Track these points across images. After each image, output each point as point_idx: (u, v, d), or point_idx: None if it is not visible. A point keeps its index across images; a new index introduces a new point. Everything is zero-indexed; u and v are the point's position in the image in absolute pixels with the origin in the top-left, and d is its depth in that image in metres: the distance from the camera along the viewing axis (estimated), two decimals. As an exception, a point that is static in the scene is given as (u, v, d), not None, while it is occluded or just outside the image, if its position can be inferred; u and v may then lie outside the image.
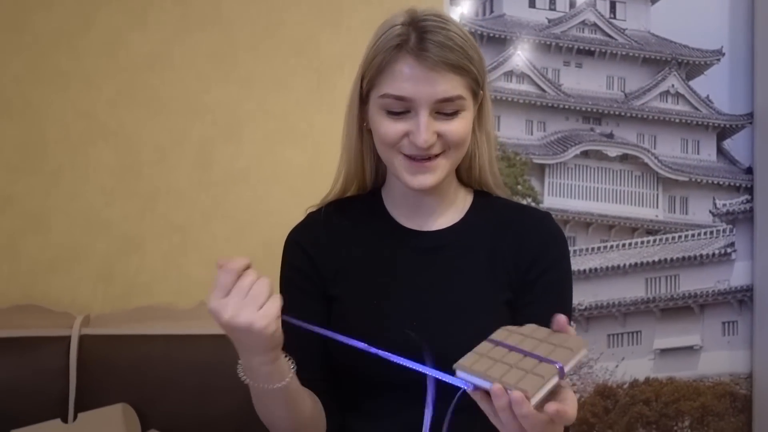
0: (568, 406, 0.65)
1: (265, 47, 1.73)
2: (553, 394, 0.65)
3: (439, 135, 0.87)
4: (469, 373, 0.67)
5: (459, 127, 0.88)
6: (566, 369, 0.65)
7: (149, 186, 1.72)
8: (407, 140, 0.87)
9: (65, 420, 1.47)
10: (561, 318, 0.73)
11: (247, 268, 0.75)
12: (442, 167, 0.90)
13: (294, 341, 0.94)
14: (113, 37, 1.70)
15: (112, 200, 1.71)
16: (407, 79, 0.84)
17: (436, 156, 0.89)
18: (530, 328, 0.74)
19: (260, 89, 1.74)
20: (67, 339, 1.53)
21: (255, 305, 0.72)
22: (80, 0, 1.68)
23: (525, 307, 0.95)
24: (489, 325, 0.92)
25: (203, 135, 1.72)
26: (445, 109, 0.86)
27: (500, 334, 0.74)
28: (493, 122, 1.00)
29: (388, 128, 0.87)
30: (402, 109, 0.86)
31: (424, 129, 0.85)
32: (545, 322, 0.94)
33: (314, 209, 1.03)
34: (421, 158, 0.88)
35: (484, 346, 0.71)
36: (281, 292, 0.98)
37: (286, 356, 0.82)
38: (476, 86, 0.90)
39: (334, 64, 1.73)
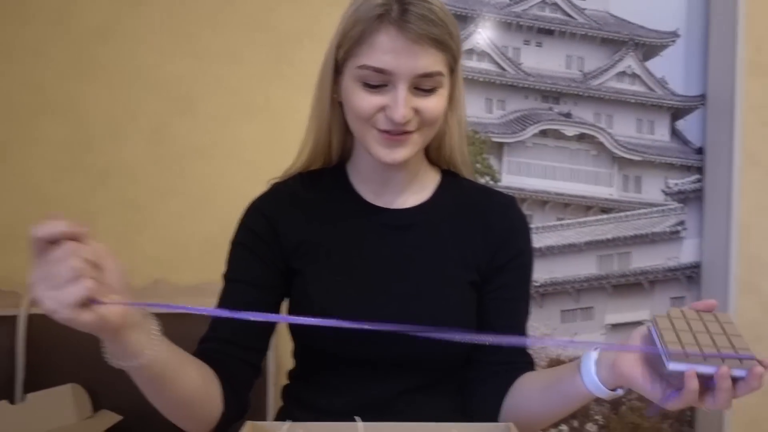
0: None
1: (222, 20, 1.69)
2: None
3: (416, 111, 0.85)
4: (687, 362, 0.67)
5: (436, 104, 0.86)
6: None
7: (101, 161, 1.67)
8: (383, 114, 0.85)
9: (12, 401, 1.44)
10: (710, 302, 0.76)
11: (70, 236, 0.62)
12: (415, 142, 0.88)
13: (228, 305, 0.91)
14: (62, 4, 1.63)
15: (61, 176, 1.66)
16: (388, 50, 0.81)
17: (410, 132, 0.87)
18: (677, 311, 0.75)
19: (217, 63, 1.70)
20: (14, 319, 1.49)
21: (55, 288, 0.61)
22: (25, -34, 1.61)
23: (495, 290, 0.96)
24: (454, 305, 0.93)
25: (157, 109, 1.68)
26: (423, 85, 0.84)
27: (664, 321, 0.73)
28: (464, 102, 0.97)
29: (363, 101, 0.84)
30: (380, 82, 0.83)
31: (402, 104, 0.82)
32: (514, 304, 0.97)
33: (278, 180, 1.00)
34: (396, 133, 0.86)
35: (668, 334, 0.70)
36: (231, 253, 0.95)
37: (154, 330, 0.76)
38: (454, 64, 0.88)
39: (294, 38, 1.71)
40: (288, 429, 0.69)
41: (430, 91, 0.85)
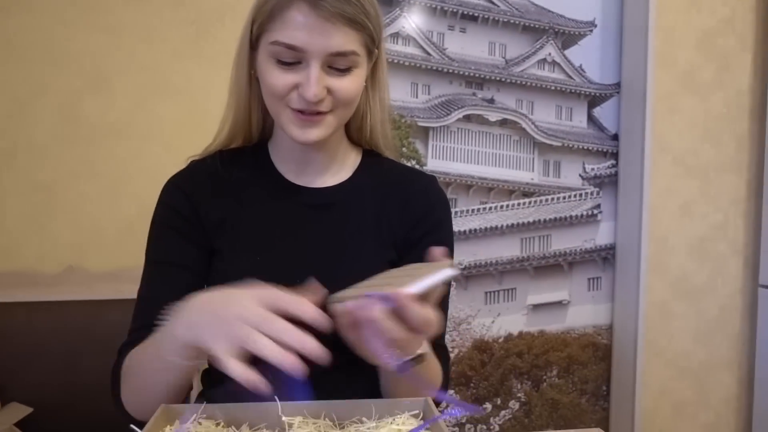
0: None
1: (138, -6, 1.62)
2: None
3: (330, 91, 0.84)
4: (341, 301, 0.67)
5: (350, 84, 0.85)
6: (425, 283, 0.65)
7: (6, 141, 1.57)
8: (296, 93, 0.84)
9: None
10: (436, 250, 0.73)
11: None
12: (329, 123, 0.87)
13: (154, 291, 0.89)
14: (-42, -28, 1.52)
15: (-39, 155, 1.55)
16: (300, 27, 0.80)
17: (324, 113, 0.86)
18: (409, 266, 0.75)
19: (131, 39, 1.62)
20: None
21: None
22: None
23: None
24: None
25: (68, 86, 1.59)
26: (337, 64, 0.83)
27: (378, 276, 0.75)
28: (387, 83, 0.95)
29: (276, 79, 0.83)
30: (293, 59, 0.82)
31: (315, 82, 0.81)
32: None
33: (197, 158, 0.97)
34: (309, 112, 0.85)
35: (358, 284, 0.72)
36: (152, 233, 0.93)
37: None
38: (371, 44, 0.87)
39: (214, 15, 1.65)
40: (203, 410, 0.67)
41: (344, 71, 0.84)
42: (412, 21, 1.93)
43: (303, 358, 0.61)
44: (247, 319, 0.63)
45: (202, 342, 0.65)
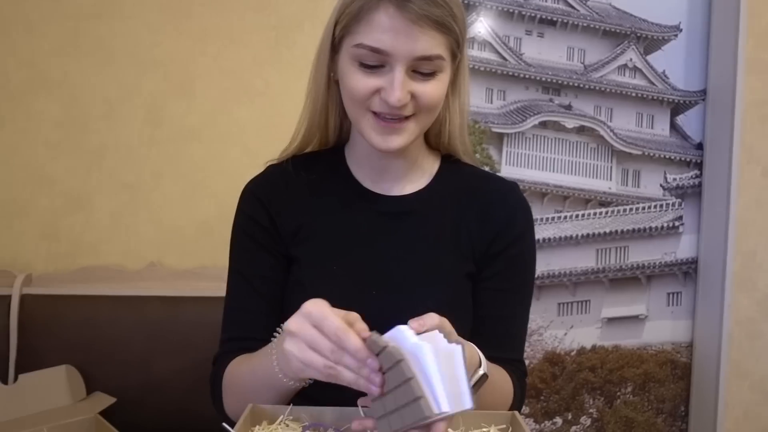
0: None
1: (222, 1, 1.66)
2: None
3: (413, 95, 0.82)
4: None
5: (434, 89, 0.83)
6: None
7: (96, 141, 1.65)
8: (378, 97, 0.81)
9: (5, 381, 1.42)
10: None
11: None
12: (411, 130, 0.85)
13: (240, 302, 0.91)
14: (57, -20, 1.60)
15: (56, 154, 1.63)
16: (386, 30, 0.78)
17: (407, 118, 0.83)
18: None
19: (215, 44, 1.67)
20: (7, 298, 1.47)
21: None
22: (21, -61, 1.58)
23: (488, 279, 0.92)
24: (449, 297, 0.89)
25: (154, 89, 1.66)
26: (422, 68, 0.81)
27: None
28: (468, 88, 0.93)
29: (359, 82, 0.81)
30: (376, 62, 0.80)
31: (399, 86, 0.79)
32: (508, 294, 0.93)
33: (274, 162, 0.97)
34: (391, 118, 0.83)
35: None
36: (234, 242, 0.94)
37: None
38: (456, 48, 0.84)
39: (294, 21, 1.68)
40: (290, 412, 0.67)
41: (429, 75, 0.82)
42: (489, 26, 1.91)
43: None
44: (321, 351, 0.64)
45: (295, 373, 0.68)
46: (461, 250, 0.92)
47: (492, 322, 0.91)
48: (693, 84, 2.02)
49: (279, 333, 0.81)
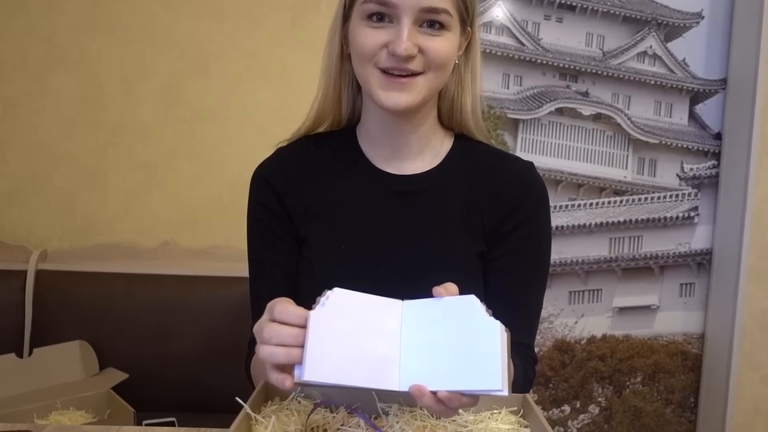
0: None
1: (239, -20, 1.66)
2: None
3: (421, 50, 0.81)
4: None
5: (442, 45, 0.82)
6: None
7: (112, 119, 1.66)
8: (386, 52, 0.81)
9: (20, 355, 1.44)
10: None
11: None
12: (420, 88, 0.84)
13: (260, 290, 0.92)
14: (76, -42, 1.60)
15: (72, 132, 1.64)
16: None
17: (414, 75, 0.83)
18: None
19: (232, 25, 1.67)
20: (23, 273, 1.49)
21: None
22: None
23: (497, 259, 0.91)
24: (459, 277, 0.89)
25: (170, 69, 1.66)
26: (429, 19, 0.81)
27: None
28: (479, 66, 0.92)
29: (367, 38, 0.81)
30: (384, 12, 0.81)
31: (406, 37, 0.79)
32: (517, 276, 0.91)
33: (284, 144, 0.97)
34: (399, 74, 0.82)
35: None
36: (249, 229, 0.95)
37: None
38: (465, 13, 0.85)
39: (310, 3, 1.67)
40: (301, 389, 0.68)
41: (436, 31, 0.82)
42: (507, 10, 1.88)
43: None
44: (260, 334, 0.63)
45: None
46: (472, 229, 0.91)
47: (501, 304, 0.89)
48: (713, 73, 1.99)
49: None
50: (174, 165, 1.67)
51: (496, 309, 0.76)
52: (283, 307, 0.63)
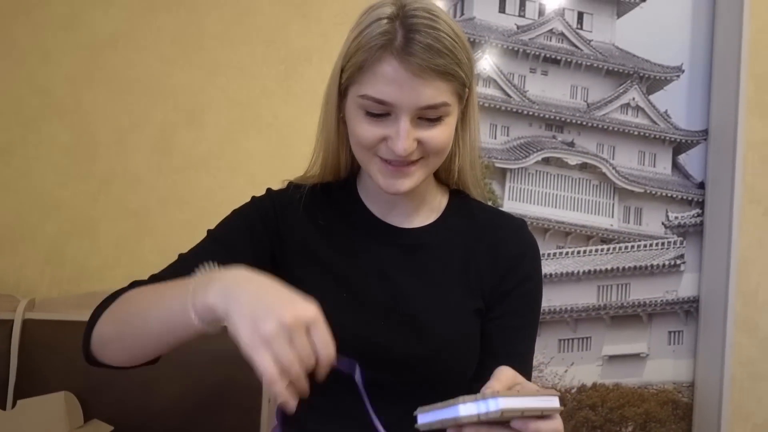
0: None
1: (233, 34, 1.70)
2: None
3: (419, 142, 0.83)
4: (429, 411, 0.66)
5: (441, 134, 0.84)
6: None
7: (105, 168, 1.67)
8: (385, 145, 0.83)
9: (3, 407, 1.41)
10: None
11: None
12: (419, 174, 0.86)
13: (202, 257, 0.86)
14: (74, 10, 1.64)
15: (65, 180, 1.65)
16: (390, 82, 0.79)
17: (414, 162, 0.84)
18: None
19: (225, 76, 1.70)
20: (9, 323, 1.47)
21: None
22: (41, -29, 1.62)
23: (500, 317, 0.93)
24: (456, 333, 0.90)
25: (164, 119, 1.68)
26: (428, 115, 0.82)
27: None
28: (478, 123, 0.94)
29: (365, 131, 0.82)
30: (382, 111, 0.81)
31: (404, 137, 0.80)
32: (519, 332, 0.94)
33: (296, 182, 0.97)
34: (398, 163, 0.84)
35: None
36: (228, 217, 0.96)
37: None
38: (462, 90, 0.85)
39: (303, 55, 1.71)
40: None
41: (435, 121, 0.83)
42: (493, 63, 1.94)
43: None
44: (284, 326, 0.63)
45: (231, 319, 0.66)
46: (470, 286, 0.92)
47: (502, 359, 0.91)
48: (695, 124, 2.04)
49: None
50: (165, 213, 1.68)
51: (498, 363, 0.77)
52: (325, 331, 0.65)
